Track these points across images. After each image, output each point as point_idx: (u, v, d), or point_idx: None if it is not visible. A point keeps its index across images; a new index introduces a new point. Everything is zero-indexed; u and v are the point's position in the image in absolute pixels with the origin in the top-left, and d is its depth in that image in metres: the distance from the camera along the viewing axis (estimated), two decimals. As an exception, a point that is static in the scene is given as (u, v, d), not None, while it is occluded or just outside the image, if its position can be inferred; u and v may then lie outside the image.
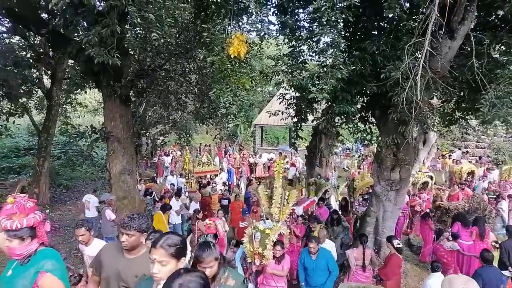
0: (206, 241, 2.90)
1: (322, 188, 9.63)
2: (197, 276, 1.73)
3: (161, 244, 2.24)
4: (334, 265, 5.64)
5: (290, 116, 8.41)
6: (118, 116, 8.02)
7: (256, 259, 5.64)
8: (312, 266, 5.61)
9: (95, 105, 22.20)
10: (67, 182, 14.76)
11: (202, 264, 2.67)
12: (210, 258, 2.69)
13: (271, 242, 5.56)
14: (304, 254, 5.84)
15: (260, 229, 5.78)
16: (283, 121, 9.71)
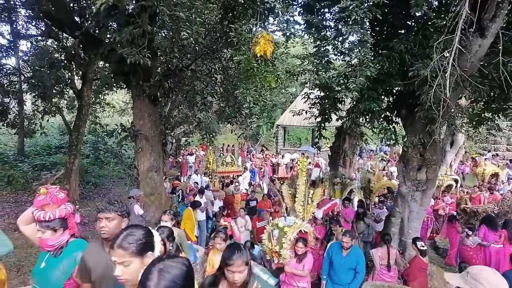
0: (236, 243, 2.66)
1: (347, 188, 9.53)
2: (179, 262, 1.59)
3: (119, 243, 1.99)
4: (363, 267, 5.34)
5: (314, 116, 8.43)
6: (146, 115, 8.27)
7: (275, 257, 5.52)
8: (340, 262, 5.33)
9: (122, 106, 22.80)
10: (96, 180, 15.23)
11: (231, 268, 2.38)
12: (240, 261, 2.38)
13: (288, 240, 5.38)
14: (334, 248, 5.54)
15: (279, 226, 5.63)
16: (306, 121, 9.76)
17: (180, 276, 1.53)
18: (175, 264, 1.57)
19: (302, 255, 5.34)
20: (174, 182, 13.57)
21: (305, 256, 5.35)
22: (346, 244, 5.30)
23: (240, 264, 2.35)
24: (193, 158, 18.45)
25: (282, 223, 5.68)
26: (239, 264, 2.35)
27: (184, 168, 17.77)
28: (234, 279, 2.34)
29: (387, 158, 21.66)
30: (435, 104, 4.92)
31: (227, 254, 2.44)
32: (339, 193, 9.24)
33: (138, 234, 2.02)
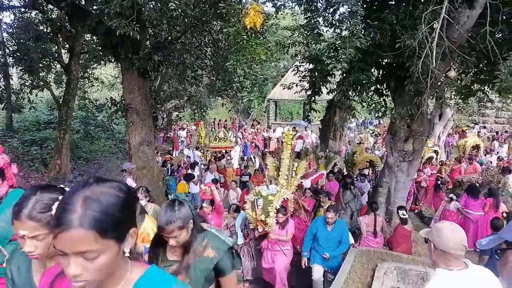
0: (171, 201, 2.31)
1: (332, 161, 9.55)
2: (113, 187, 1.13)
3: (28, 213, 1.45)
4: (347, 238, 5.41)
5: (304, 89, 8.46)
6: (136, 88, 8.23)
7: (259, 226, 5.57)
8: (326, 237, 5.37)
9: (111, 80, 22.46)
10: (87, 155, 15.20)
11: (164, 233, 2.17)
12: (171, 227, 2.13)
13: (274, 209, 5.44)
14: (318, 223, 5.54)
15: (262, 195, 5.63)
16: (297, 95, 9.75)
17: (114, 205, 1.07)
18: (107, 189, 1.10)
19: (283, 222, 5.50)
20: (166, 156, 13.64)
21: (287, 222, 5.55)
22: (331, 220, 5.31)
23: (171, 230, 2.13)
24: (185, 133, 18.45)
25: (265, 191, 5.68)
26: (170, 230, 2.13)
27: (175, 143, 17.80)
28: (170, 243, 2.19)
29: (377, 131, 21.93)
30: (423, 76, 5.00)
31: (158, 219, 2.22)
32: (323, 166, 9.24)
33: (51, 198, 1.45)
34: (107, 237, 1.05)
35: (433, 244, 2.05)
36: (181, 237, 2.18)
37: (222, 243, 2.27)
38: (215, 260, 2.17)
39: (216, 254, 2.19)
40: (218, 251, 2.20)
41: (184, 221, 2.16)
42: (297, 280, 5.98)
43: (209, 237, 2.26)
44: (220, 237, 2.34)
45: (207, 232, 2.32)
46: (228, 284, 2.25)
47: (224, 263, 2.20)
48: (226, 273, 2.22)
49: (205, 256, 2.18)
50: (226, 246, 2.26)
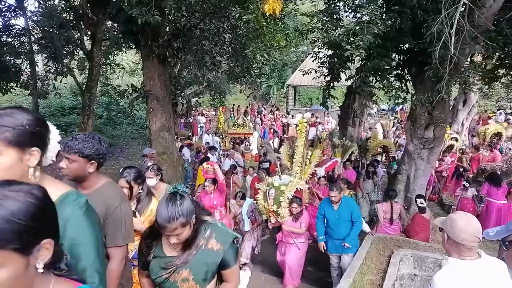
0: (172, 195, 1.98)
1: (349, 150, 9.35)
2: (23, 192, 0.98)
3: None
4: (358, 215, 5.20)
5: (323, 75, 8.39)
6: (156, 75, 8.35)
7: (272, 217, 5.47)
8: (334, 217, 5.18)
9: (132, 67, 22.78)
10: (109, 140, 15.60)
11: (163, 231, 1.92)
12: (174, 224, 1.86)
13: (286, 199, 5.32)
14: (324, 204, 5.37)
15: (274, 185, 5.52)
16: (316, 81, 9.67)
17: (18, 211, 0.93)
18: (13, 194, 0.95)
19: (298, 214, 5.35)
20: (186, 142, 13.84)
21: (301, 214, 5.37)
22: (334, 199, 5.12)
23: (174, 228, 1.87)
24: (204, 119, 18.64)
25: (277, 182, 5.57)
26: (172, 228, 1.87)
27: (195, 128, 18.02)
28: (171, 241, 1.95)
29: (399, 118, 21.50)
30: (444, 62, 4.89)
31: (158, 216, 1.91)
32: (340, 155, 9.12)
33: (21, 118, 1.33)
34: (5, 248, 0.89)
35: (447, 234, 2.06)
36: (183, 235, 1.93)
37: (227, 235, 2.10)
38: (221, 252, 2.01)
39: (221, 246, 2.02)
40: (223, 243, 2.03)
41: (187, 217, 1.90)
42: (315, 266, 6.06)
43: (212, 229, 2.07)
44: (225, 229, 2.20)
45: (208, 223, 2.10)
46: (231, 276, 2.12)
47: (229, 255, 2.05)
48: (230, 265, 2.07)
49: (209, 249, 2.01)
50: (230, 237, 2.10)
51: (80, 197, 1.47)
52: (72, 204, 1.41)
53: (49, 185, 1.41)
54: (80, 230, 1.40)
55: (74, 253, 1.36)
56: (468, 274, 1.95)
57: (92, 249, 1.45)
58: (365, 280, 3.92)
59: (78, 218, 1.40)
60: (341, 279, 3.95)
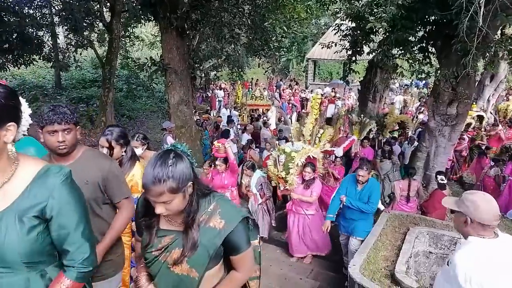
0: (165, 152, 1.56)
1: (366, 127, 8.73)
2: None
3: None
4: (376, 199, 4.70)
5: (345, 49, 8.17)
6: (174, 48, 8.33)
7: (280, 184, 5.29)
8: (354, 197, 4.71)
9: (151, 39, 22.74)
10: (130, 113, 15.83)
11: (148, 195, 1.52)
12: (160, 187, 1.45)
13: (295, 166, 5.10)
14: (348, 182, 4.86)
15: (286, 151, 5.31)
16: (337, 55, 9.43)
17: None
18: None
19: (310, 181, 5.08)
20: (204, 116, 13.91)
21: (313, 182, 5.11)
22: (362, 178, 4.61)
23: (159, 192, 1.47)
24: (222, 93, 18.61)
25: (289, 148, 5.35)
26: (158, 192, 1.47)
27: (213, 102, 18.04)
28: (156, 211, 1.54)
29: (423, 94, 20.88)
30: (472, 34, 4.67)
31: (143, 175, 1.51)
32: (357, 133, 8.54)
33: None
34: None
35: (469, 218, 2.00)
36: (173, 205, 1.52)
37: (235, 211, 1.67)
38: (224, 232, 1.58)
39: (226, 225, 1.59)
40: (229, 221, 1.60)
41: (179, 182, 1.47)
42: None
43: (218, 203, 1.65)
44: (233, 204, 1.78)
45: (214, 194, 1.69)
46: (243, 262, 1.70)
47: (237, 237, 1.62)
48: (241, 249, 1.65)
49: (210, 227, 1.59)
50: (240, 214, 1.65)
51: (63, 169, 1.43)
52: (55, 175, 1.38)
53: (28, 160, 1.42)
54: (67, 200, 1.39)
55: (62, 223, 1.38)
56: (491, 252, 1.93)
57: (81, 218, 1.44)
58: (379, 256, 3.93)
59: (63, 188, 1.38)
60: (355, 254, 3.96)
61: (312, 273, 5.04)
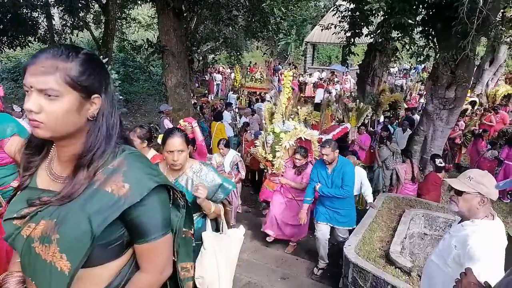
0: None
1: (363, 113, 8.31)
2: None
3: None
4: (350, 181, 4.17)
5: (344, 30, 8.08)
6: (171, 30, 8.22)
7: (268, 167, 4.86)
8: (326, 182, 4.25)
9: (148, 21, 22.41)
10: (127, 96, 15.69)
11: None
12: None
13: (283, 148, 4.64)
14: (317, 167, 4.36)
15: (275, 131, 4.80)
16: (336, 37, 9.31)
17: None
18: None
19: (301, 167, 4.68)
20: (202, 99, 13.85)
21: (305, 168, 4.68)
22: (326, 157, 4.07)
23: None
24: (220, 76, 18.48)
25: (279, 128, 4.80)
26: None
27: (211, 86, 17.93)
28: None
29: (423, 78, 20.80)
30: (472, 17, 4.62)
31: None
32: (354, 120, 8.04)
33: None
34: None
35: (486, 198, 1.99)
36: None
37: (148, 174, 1.12)
38: (125, 202, 1.05)
39: (130, 191, 1.07)
40: (136, 187, 1.08)
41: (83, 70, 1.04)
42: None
43: (127, 157, 1.13)
44: (149, 164, 1.18)
45: (126, 147, 1.17)
46: (151, 256, 1.17)
47: (145, 214, 1.11)
48: (149, 235, 1.13)
49: (105, 192, 1.06)
50: (154, 180, 1.11)
51: None
52: None
53: None
54: None
55: None
56: (497, 234, 1.98)
57: None
58: (375, 237, 3.98)
59: None
60: (350, 236, 4.01)
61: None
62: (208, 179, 2.44)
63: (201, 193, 2.26)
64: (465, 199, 2.05)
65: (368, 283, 3.29)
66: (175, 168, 2.39)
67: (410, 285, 3.03)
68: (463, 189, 2.07)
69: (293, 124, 4.94)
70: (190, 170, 2.46)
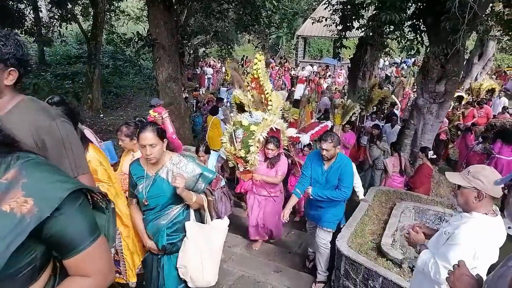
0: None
1: (350, 111, 7.62)
2: None
3: None
4: (349, 181, 3.75)
5: (335, 23, 8.07)
6: (162, 23, 8.11)
7: (239, 165, 4.45)
8: (320, 179, 3.80)
9: (137, 13, 22.13)
10: (117, 90, 15.55)
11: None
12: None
13: (256, 142, 4.23)
14: (313, 160, 3.87)
15: (243, 124, 4.38)
16: (327, 30, 9.31)
17: None
18: None
19: (274, 159, 4.37)
20: (194, 93, 13.76)
21: (278, 160, 4.38)
22: (327, 153, 3.61)
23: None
24: (211, 70, 18.37)
25: (247, 120, 4.40)
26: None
27: (202, 80, 17.82)
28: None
29: (414, 71, 20.94)
30: (460, 11, 4.65)
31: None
32: (339, 118, 7.44)
33: None
34: None
35: (484, 193, 1.98)
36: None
37: (54, 182, 0.99)
38: (32, 221, 0.91)
39: (36, 206, 0.92)
40: (42, 199, 0.94)
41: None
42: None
43: (23, 166, 0.97)
44: (53, 170, 1.03)
45: (21, 156, 0.99)
46: (89, 263, 1.07)
47: (66, 225, 1.00)
48: (78, 245, 1.03)
49: (1, 211, 0.90)
50: (64, 187, 0.99)
51: None
52: None
53: None
54: None
55: None
56: (493, 230, 1.98)
57: None
58: (366, 230, 4.03)
59: None
60: (342, 228, 4.04)
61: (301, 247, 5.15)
62: (188, 169, 2.47)
63: (179, 183, 2.28)
64: (462, 193, 2.07)
65: (360, 275, 3.34)
66: (150, 161, 2.43)
67: (401, 276, 3.08)
68: (458, 182, 2.10)
69: (260, 114, 4.51)
70: (169, 162, 2.49)
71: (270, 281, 4.03)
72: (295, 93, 10.99)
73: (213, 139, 7.74)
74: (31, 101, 1.60)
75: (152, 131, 2.34)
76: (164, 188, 2.48)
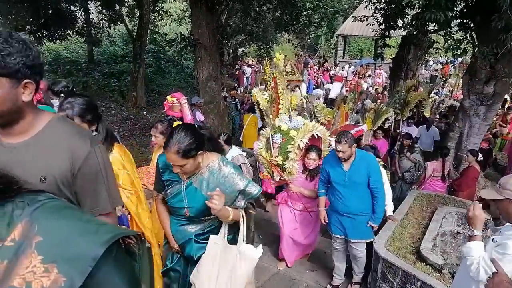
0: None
1: (382, 116, 6.97)
2: None
3: None
4: (379, 178, 3.56)
5: (378, 23, 7.91)
6: (204, 23, 8.34)
7: (275, 174, 4.07)
8: (343, 180, 3.55)
9: (180, 14, 22.75)
10: (159, 88, 16.07)
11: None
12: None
13: (295, 149, 3.89)
14: (330, 163, 3.64)
15: (282, 129, 4.05)
16: (369, 29, 9.12)
17: None
18: None
19: (314, 170, 3.99)
20: (231, 92, 13.97)
21: (318, 172, 3.91)
22: (342, 155, 3.41)
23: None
24: (250, 69, 18.55)
25: (286, 125, 4.07)
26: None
27: (241, 79, 18.04)
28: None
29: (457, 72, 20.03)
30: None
31: None
32: (370, 122, 6.84)
33: None
34: None
35: None
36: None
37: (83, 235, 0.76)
38: None
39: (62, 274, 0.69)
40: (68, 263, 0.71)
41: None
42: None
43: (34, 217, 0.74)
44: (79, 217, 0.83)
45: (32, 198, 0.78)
46: None
47: None
48: None
49: None
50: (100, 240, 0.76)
51: None
52: None
53: None
54: None
55: None
56: None
57: None
58: (405, 233, 3.95)
59: None
60: (380, 231, 3.97)
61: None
62: (227, 183, 2.10)
63: (215, 205, 1.94)
64: (500, 207, 2.03)
65: (397, 278, 3.29)
66: (185, 175, 2.13)
67: (441, 282, 3.01)
68: (492, 197, 2.05)
69: (301, 119, 4.23)
70: (206, 170, 2.14)
71: (305, 280, 4.07)
72: (330, 92, 10.40)
73: (249, 138, 7.85)
74: (63, 120, 1.39)
75: (175, 153, 1.94)
76: (196, 198, 2.14)
